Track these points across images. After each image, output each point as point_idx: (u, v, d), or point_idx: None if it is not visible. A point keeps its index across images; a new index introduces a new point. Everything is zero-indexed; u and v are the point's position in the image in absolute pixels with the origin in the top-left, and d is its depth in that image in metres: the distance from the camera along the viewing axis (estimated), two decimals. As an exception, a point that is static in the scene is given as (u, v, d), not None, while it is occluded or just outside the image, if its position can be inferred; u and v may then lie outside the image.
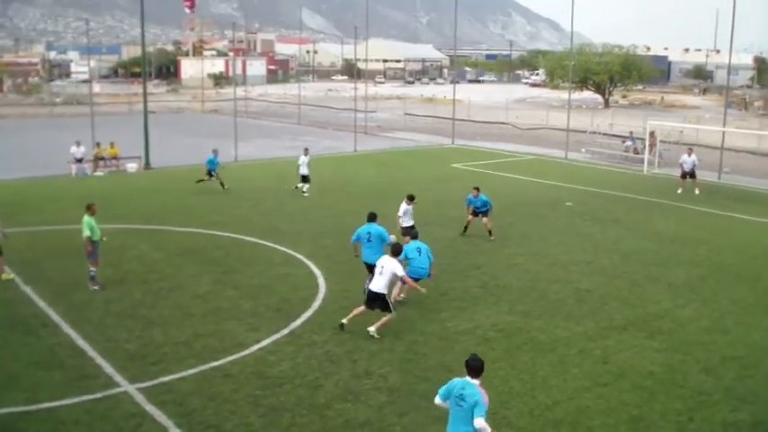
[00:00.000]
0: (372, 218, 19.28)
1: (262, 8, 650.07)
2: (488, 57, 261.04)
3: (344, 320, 16.90)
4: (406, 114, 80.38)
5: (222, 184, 34.98)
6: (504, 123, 72.05)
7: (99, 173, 41.35)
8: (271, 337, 16.53)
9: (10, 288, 20.00)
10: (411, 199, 23.51)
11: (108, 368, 14.92)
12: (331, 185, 36.65)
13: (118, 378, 14.48)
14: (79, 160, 40.93)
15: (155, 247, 24.53)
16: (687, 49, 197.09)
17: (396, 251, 16.89)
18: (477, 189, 26.06)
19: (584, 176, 40.77)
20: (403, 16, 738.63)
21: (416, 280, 17.66)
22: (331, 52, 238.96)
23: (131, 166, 42.33)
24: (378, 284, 16.49)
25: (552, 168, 44.40)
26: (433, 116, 77.75)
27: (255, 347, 16.00)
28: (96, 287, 19.83)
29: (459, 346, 16.15)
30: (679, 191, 35.78)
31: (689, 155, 36.58)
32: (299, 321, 17.53)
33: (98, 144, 43.19)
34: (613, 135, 55.73)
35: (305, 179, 34.44)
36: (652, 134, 45.51)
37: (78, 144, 41.06)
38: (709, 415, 13.33)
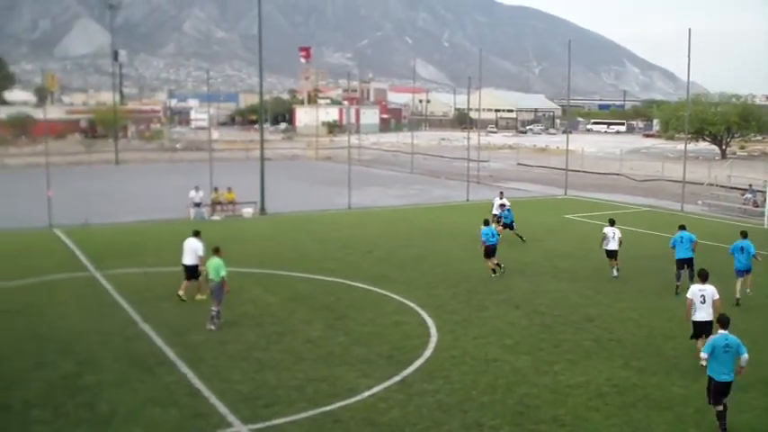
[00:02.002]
0: (683, 228, 26.81)
1: (375, 58, 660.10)
2: (601, 107, 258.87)
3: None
4: (518, 164, 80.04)
5: (521, 236, 34.60)
6: (617, 174, 70.88)
7: (216, 217, 42.31)
8: (381, 384, 16.51)
9: (130, 326, 20.62)
10: (612, 223, 28.68)
11: (221, 408, 15.16)
12: (443, 234, 36.64)
13: (231, 418, 14.69)
14: (197, 204, 41.96)
15: (268, 290, 24.90)
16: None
17: (703, 275, 18.98)
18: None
19: (702, 229, 39.49)
20: (515, 67, 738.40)
21: None
22: (443, 101, 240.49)
23: (247, 212, 43.21)
24: (704, 314, 17.99)
25: (668, 220, 43.28)
26: (545, 166, 77.15)
27: (366, 394, 16.00)
28: (213, 327, 20.29)
29: (572, 401, 15.82)
30: None
31: None
32: (410, 369, 17.47)
33: (216, 189, 44.29)
34: (731, 187, 54.21)
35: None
36: (773, 187, 44.08)
37: (197, 189, 42.13)
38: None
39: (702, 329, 17.91)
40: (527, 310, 22.96)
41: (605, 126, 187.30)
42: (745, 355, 14.11)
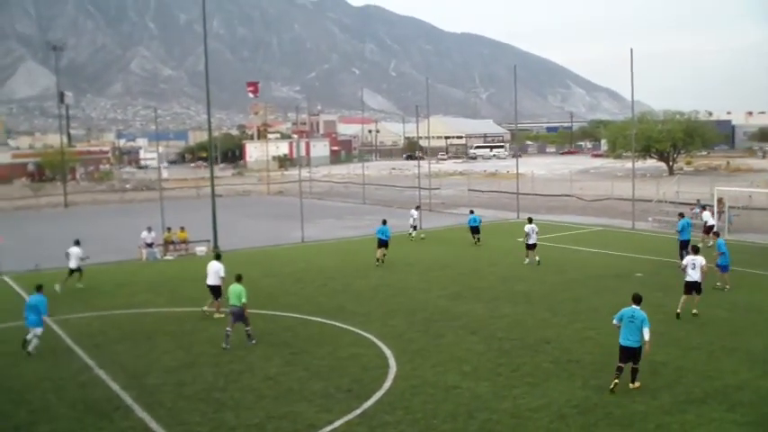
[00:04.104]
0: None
1: (323, 90, 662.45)
2: (549, 129, 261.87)
3: (678, 310, 24.41)
4: (469, 190, 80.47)
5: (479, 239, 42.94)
6: (568, 196, 71.53)
7: (169, 257, 41.88)
8: (342, 418, 16.40)
9: (84, 372, 20.28)
10: (530, 221, 36.33)
11: (181, 452, 14.93)
12: (398, 264, 36.65)
13: (191, 462, 14.47)
14: (150, 245, 41.53)
15: (225, 329, 24.64)
16: (750, 113, 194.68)
17: (695, 249, 25.77)
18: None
19: (653, 246, 40.16)
20: (462, 93, 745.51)
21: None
22: (393, 131, 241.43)
23: (200, 250, 42.83)
24: (694, 276, 24.49)
25: (619, 239, 43.85)
26: (496, 191, 77.64)
27: (327, 429, 15.88)
28: (228, 346, 22.20)
29: (533, 424, 15.85)
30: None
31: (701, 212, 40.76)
32: (370, 402, 17.39)
33: (168, 228, 43.90)
34: (680, 203, 54.95)
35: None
36: (720, 200, 44.78)
37: (150, 230, 41.67)
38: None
39: (692, 287, 24.55)
40: (484, 335, 23.02)
41: (488, 150, 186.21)
42: (647, 329, 17.25)
